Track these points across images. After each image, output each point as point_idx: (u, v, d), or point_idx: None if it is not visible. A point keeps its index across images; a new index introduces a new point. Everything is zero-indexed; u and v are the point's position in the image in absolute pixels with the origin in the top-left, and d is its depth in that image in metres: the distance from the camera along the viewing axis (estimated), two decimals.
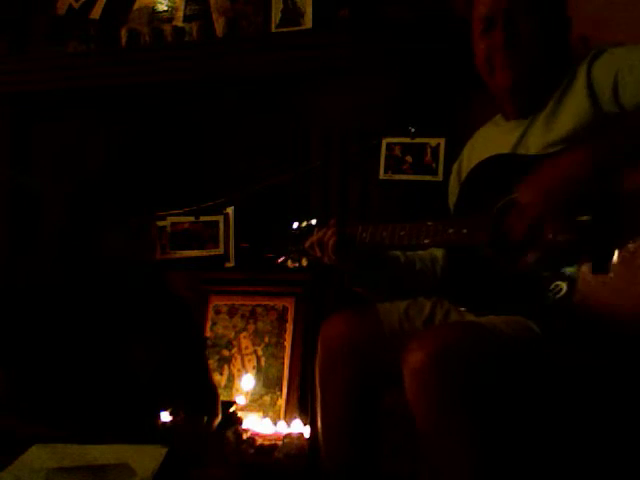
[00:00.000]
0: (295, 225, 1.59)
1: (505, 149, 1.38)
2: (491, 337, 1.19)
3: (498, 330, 1.20)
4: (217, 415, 1.69)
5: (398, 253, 1.52)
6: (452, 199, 1.58)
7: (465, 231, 1.29)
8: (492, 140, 1.46)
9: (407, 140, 2.07)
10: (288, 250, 1.58)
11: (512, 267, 1.25)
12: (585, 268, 1.12)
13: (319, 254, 1.45)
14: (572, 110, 1.28)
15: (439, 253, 1.54)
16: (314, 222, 1.55)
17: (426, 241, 1.34)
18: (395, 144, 2.08)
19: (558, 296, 1.16)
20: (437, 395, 1.13)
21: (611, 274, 1.09)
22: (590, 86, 1.25)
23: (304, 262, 1.54)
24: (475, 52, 1.41)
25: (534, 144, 1.32)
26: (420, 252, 1.54)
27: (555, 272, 1.17)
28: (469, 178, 1.44)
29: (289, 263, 1.58)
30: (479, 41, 1.39)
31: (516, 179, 1.24)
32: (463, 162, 1.57)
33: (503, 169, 1.35)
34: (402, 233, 1.37)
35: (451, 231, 1.31)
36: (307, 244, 1.48)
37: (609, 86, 1.22)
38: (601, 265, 1.11)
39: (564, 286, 1.15)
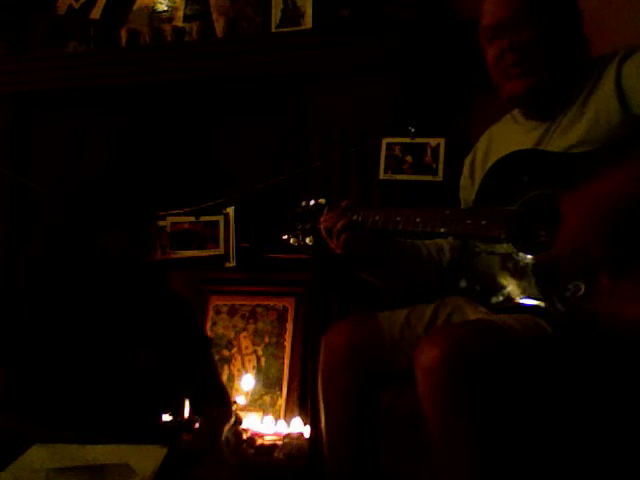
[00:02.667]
0: (303, 203, 1.57)
1: (527, 146, 1.35)
2: (504, 336, 1.19)
3: (511, 329, 1.20)
4: (229, 418, 1.68)
5: (405, 240, 1.50)
6: (464, 193, 1.57)
7: (484, 222, 1.28)
8: (512, 137, 1.43)
9: (407, 140, 2.06)
10: (293, 227, 1.56)
11: (531, 263, 1.23)
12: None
13: (328, 240, 1.44)
14: (597, 111, 1.25)
15: (445, 243, 1.53)
16: (323, 201, 1.53)
17: (442, 229, 1.33)
18: (395, 144, 2.07)
19: (577, 295, 1.15)
20: (449, 393, 1.13)
21: (631, 278, 1.08)
22: (619, 86, 1.23)
23: (309, 241, 1.52)
24: (486, 59, 1.39)
25: (556, 144, 1.30)
26: (426, 241, 1.52)
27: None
28: (491, 172, 1.41)
29: (292, 241, 1.56)
30: (487, 49, 1.37)
31: (540, 175, 1.24)
32: (477, 156, 1.54)
33: (527, 165, 1.33)
34: (418, 220, 1.35)
35: (469, 221, 1.30)
36: (320, 226, 1.45)
37: None
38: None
39: (583, 286, 1.14)
